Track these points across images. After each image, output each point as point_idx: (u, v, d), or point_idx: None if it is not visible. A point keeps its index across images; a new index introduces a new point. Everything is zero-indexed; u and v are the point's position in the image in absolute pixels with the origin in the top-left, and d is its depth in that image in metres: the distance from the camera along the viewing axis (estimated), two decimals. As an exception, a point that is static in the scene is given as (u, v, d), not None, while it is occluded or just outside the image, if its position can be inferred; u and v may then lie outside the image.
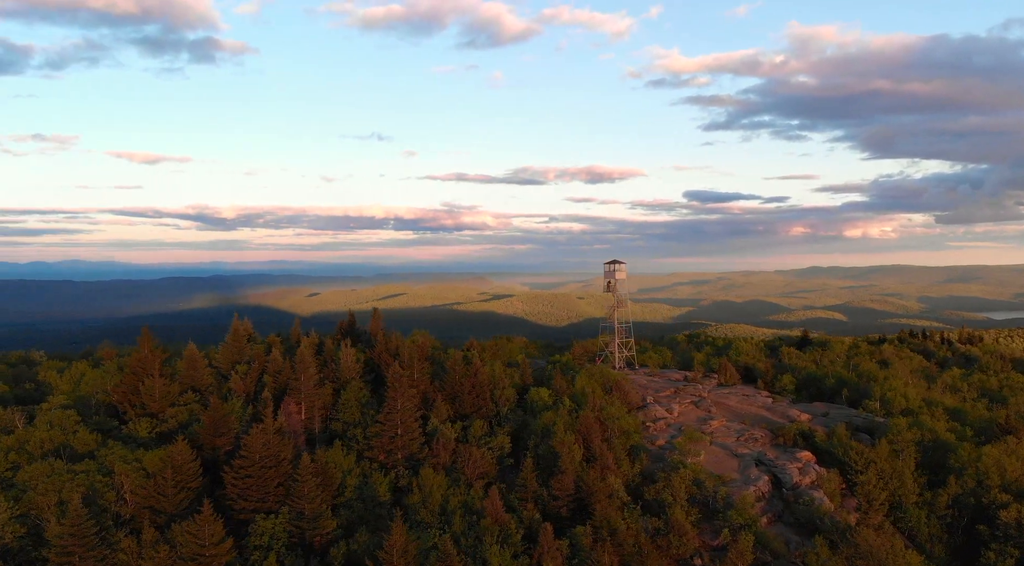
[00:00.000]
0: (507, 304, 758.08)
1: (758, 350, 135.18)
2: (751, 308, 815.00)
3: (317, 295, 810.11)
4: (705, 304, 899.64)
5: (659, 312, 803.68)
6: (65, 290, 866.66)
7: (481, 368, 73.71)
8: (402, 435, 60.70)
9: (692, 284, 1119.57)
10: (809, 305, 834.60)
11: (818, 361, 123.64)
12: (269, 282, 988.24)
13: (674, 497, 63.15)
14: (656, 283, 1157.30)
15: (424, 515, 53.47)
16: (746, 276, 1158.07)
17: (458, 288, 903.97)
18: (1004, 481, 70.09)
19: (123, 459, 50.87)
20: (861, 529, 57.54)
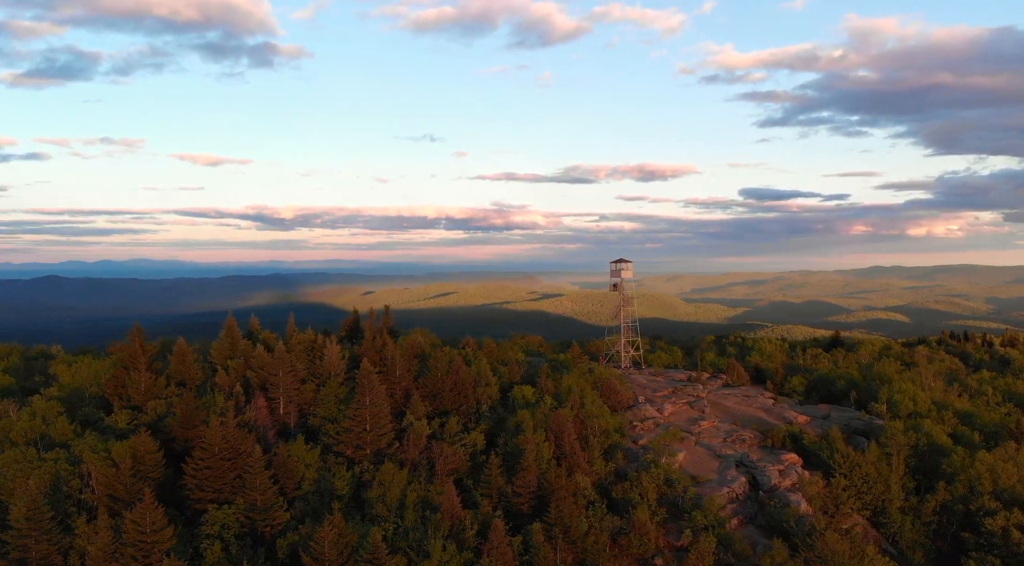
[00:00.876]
0: (556, 303, 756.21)
1: (780, 351, 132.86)
2: (809, 309, 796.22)
3: (371, 293, 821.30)
4: (761, 305, 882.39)
5: (713, 313, 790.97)
6: (131, 288, 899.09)
7: (463, 366, 74.48)
8: (371, 430, 61.93)
9: (748, 284, 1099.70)
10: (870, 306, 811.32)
11: (838, 363, 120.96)
12: (326, 281, 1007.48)
13: (642, 496, 63.03)
14: (711, 283, 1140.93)
15: (380, 509, 54.57)
16: (804, 276, 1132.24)
17: (508, 287, 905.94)
18: (997, 488, 67.94)
19: (92, 449, 53.25)
20: (825, 532, 56.47)
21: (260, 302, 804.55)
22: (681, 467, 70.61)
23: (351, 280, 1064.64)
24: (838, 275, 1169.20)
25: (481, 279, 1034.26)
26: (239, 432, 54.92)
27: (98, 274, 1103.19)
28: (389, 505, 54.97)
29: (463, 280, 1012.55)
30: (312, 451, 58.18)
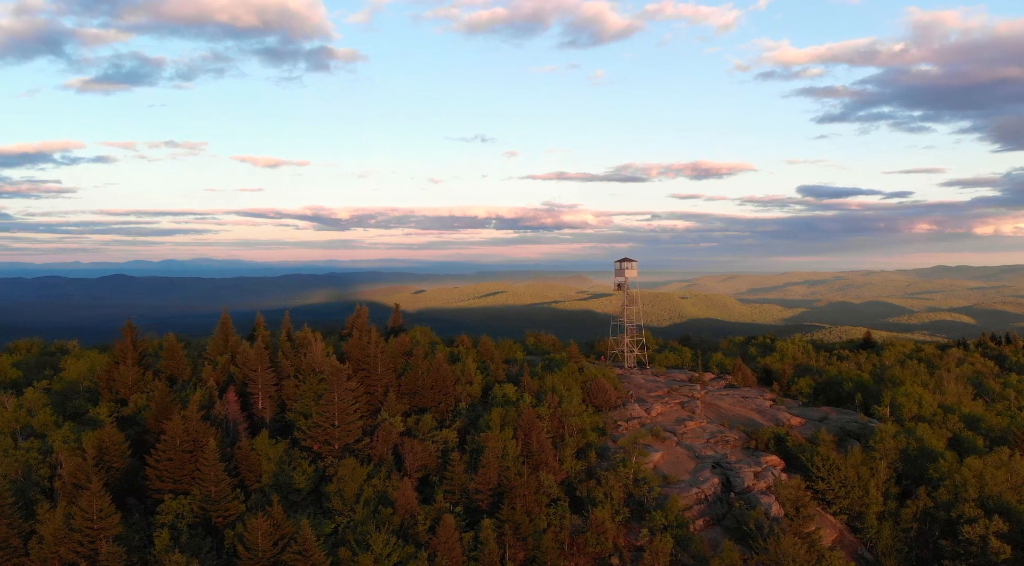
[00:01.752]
0: (605, 303, 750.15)
1: (801, 353, 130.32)
2: (870, 310, 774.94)
3: (423, 292, 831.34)
4: (820, 305, 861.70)
5: (769, 313, 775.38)
6: (194, 286, 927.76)
7: (444, 365, 75.47)
8: (339, 426, 63.38)
9: (806, 284, 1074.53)
10: (934, 307, 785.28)
11: (861, 365, 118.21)
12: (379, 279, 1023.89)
13: (606, 495, 63.10)
14: (767, 283, 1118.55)
15: (336, 503, 55.93)
16: (865, 276, 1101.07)
17: (557, 286, 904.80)
18: (983, 495, 65.81)
19: (64, 439, 55.96)
20: (781, 535, 55.69)
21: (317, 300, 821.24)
22: (656, 467, 70.33)
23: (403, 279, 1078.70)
24: (900, 275, 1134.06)
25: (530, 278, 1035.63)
26: (201, 425, 56.93)
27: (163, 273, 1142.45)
28: (347, 499, 56.29)
29: (512, 279, 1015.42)
30: (276, 445, 59.82)
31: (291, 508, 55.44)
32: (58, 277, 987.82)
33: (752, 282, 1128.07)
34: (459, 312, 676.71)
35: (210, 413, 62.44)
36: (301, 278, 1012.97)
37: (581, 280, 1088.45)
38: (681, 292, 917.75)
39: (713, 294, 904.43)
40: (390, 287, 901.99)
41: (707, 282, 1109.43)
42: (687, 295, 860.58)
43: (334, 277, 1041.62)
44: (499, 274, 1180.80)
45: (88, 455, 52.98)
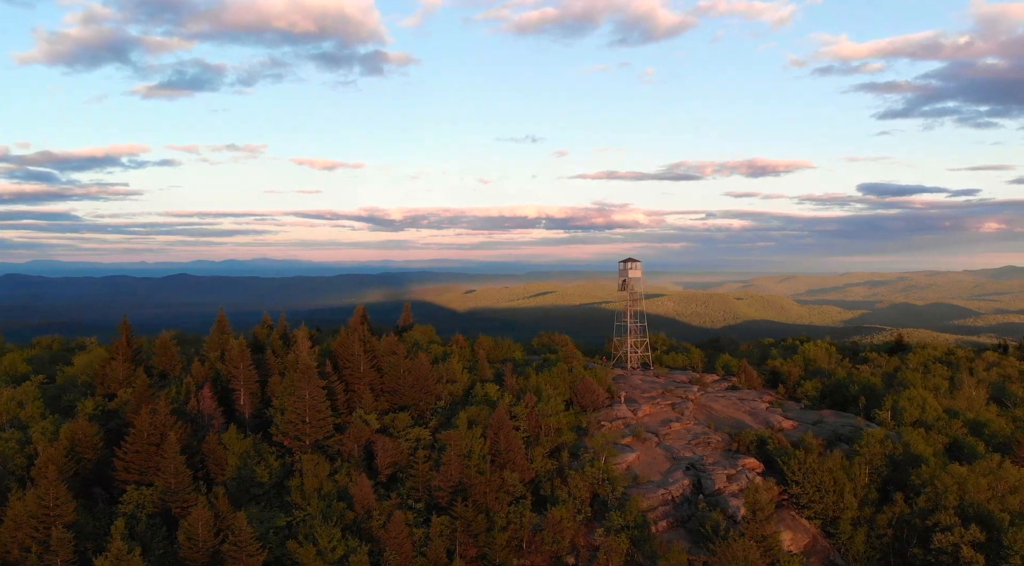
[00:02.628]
0: (657, 303, 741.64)
1: (828, 355, 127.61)
2: (934, 312, 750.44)
3: (473, 292, 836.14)
4: (881, 307, 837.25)
5: (828, 315, 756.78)
6: (254, 285, 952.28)
7: (425, 364, 76.61)
8: (309, 422, 65.03)
9: (867, 285, 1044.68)
10: (1002, 309, 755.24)
11: (882, 367, 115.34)
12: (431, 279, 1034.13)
13: (570, 494, 63.37)
14: (827, 283, 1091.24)
15: (295, 497, 57.54)
16: (930, 277, 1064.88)
17: (607, 286, 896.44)
18: (963, 502, 63.90)
19: (43, 431, 58.89)
20: (731, 537, 55.16)
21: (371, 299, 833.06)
22: (630, 467, 70.26)
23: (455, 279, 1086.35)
24: (967, 275, 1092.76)
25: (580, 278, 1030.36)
26: (168, 419, 59.17)
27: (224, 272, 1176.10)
28: (307, 494, 57.84)
29: (562, 279, 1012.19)
30: (243, 440, 61.72)
31: (252, 501, 57.27)
32: (125, 276, 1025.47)
33: (811, 283, 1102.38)
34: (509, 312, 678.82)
35: (184, 408, 64.72)
36: (356, 278, 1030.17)
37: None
38: (736, 293, 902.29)
39: (770, 295, 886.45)
40: (441, 287, 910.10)
41: (764, 283, 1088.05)
42: (742, 296, 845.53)
43: (387, 277, 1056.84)
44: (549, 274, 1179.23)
45: (60, 446, 55.63)
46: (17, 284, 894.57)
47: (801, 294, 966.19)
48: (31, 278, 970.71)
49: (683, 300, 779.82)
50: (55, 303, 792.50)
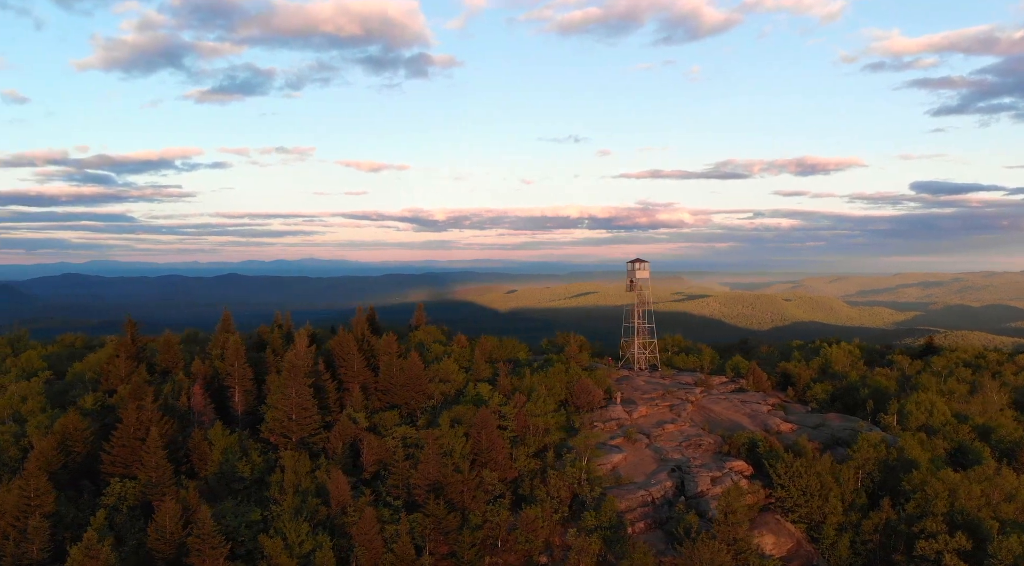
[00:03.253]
0: (703, 305, 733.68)
1: (849, 357, 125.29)
2: (991, 314, 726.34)
3: (515, 292, 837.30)
4: (935, 308, 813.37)
5: (880, 317, 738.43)
6: (302, 285, 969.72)
7: (417, 364, 77.60)
8: (295, 420, 66.55)
9: (921, 286, 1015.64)
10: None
11: (905, 371, 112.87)
12: (474, 279, 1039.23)
13: (548, 494, 63.70)
14: (878, 284, 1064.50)
15: (274, 492, 59.00)
16: (987, 278, 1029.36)
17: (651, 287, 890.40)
18: (952, 509, 62.43)
19: (38, 424, 61.45)
20: (698, 540, 54.87)
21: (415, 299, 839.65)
22: (615, 468, 70.28)
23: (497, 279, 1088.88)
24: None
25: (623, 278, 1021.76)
26: (155, 414, 61.18)
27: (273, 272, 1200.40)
28: (285, 489, 59.24)
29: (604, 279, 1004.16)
30: (229, 436, 63.40)
31: (231, 496, 58.85)
32: (179, 276, 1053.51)
33: (862, 283, 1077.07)
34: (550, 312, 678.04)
35: (174, 404, 66.79)
36: (400, 278, 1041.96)
37: (677, 281, 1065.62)
38: (785, 294, 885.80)
39: (819, 296, 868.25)
40: (483, 287, 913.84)
41: (813, 283, 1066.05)
42: (791, 297, 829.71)
43: (431, 277, 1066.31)
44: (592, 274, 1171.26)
45: (52, 439, 58.01)
46: (76, 283, 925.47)
47: (852, 295, 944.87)
48: (89, 277, 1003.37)
49: (729, 301, 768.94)
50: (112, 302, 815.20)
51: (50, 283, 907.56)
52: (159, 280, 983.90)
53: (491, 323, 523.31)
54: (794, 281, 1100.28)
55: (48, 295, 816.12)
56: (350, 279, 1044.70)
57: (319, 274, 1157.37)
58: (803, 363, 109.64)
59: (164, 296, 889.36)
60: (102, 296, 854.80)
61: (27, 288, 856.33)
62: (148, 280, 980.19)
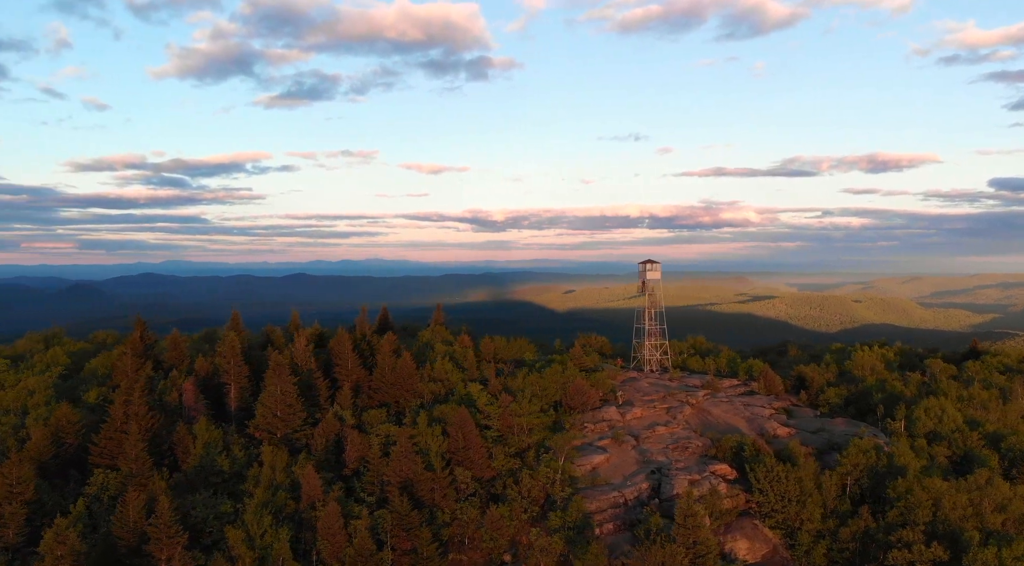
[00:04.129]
0: (768, 306, 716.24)
1: (880, 361, 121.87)
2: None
3: (572, 292, 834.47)
4: (1015, 310, 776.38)
5: (955, 319, 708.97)
6: (366, 285, 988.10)
7: (409, 364, 79.11)
8: (280, 416, 68.79)
9: (1000, 287, 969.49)
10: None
11: (936, 376, 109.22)
12: (532, 279, 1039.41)
13: (520, 494, 64.29)
14: (954, 285, 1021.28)
15: (249, 486, 61.23)
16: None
17: (713, 288, 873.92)
18: (936, 519, 60.52)
19: (37, 417, 65.17)
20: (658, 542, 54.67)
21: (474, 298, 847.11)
22: (595, 469, 70.39)
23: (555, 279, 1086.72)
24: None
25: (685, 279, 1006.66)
26: (142, 409, 64.14)
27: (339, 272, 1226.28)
28: (262, 483, 61.41)
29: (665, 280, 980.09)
30: (213, 431, 65.92)
31: (209, 489, 61.26)
32: (249, 276, 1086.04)
33: (937, 284, 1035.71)
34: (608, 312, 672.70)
35: (164, 400, 69.82)
36: (460, 278, 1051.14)
37: (741, 282, 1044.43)
38: (855, 295, 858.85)
39: (891, 297, 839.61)
40: (541, 287, 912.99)
41: (885, 284, 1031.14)
42: (861, 298, 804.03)
43: (489, 277, 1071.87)
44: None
45: (46, 431, 61.50)
46: (153, 282, 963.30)
47: (926, 297, 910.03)
48: (165, 277, 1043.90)
49: (796, 302, 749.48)
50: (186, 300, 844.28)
51: (129, 282, 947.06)
52: (230, 279, 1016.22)
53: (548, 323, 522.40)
54: (865, 282, 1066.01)
55: (126, 294, 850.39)
56: (412, 279, 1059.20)
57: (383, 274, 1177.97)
58: (821, 366, 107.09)
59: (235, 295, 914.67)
60: (177, 295, 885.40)
61: (107, 287, 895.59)
62: (220, 279, 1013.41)
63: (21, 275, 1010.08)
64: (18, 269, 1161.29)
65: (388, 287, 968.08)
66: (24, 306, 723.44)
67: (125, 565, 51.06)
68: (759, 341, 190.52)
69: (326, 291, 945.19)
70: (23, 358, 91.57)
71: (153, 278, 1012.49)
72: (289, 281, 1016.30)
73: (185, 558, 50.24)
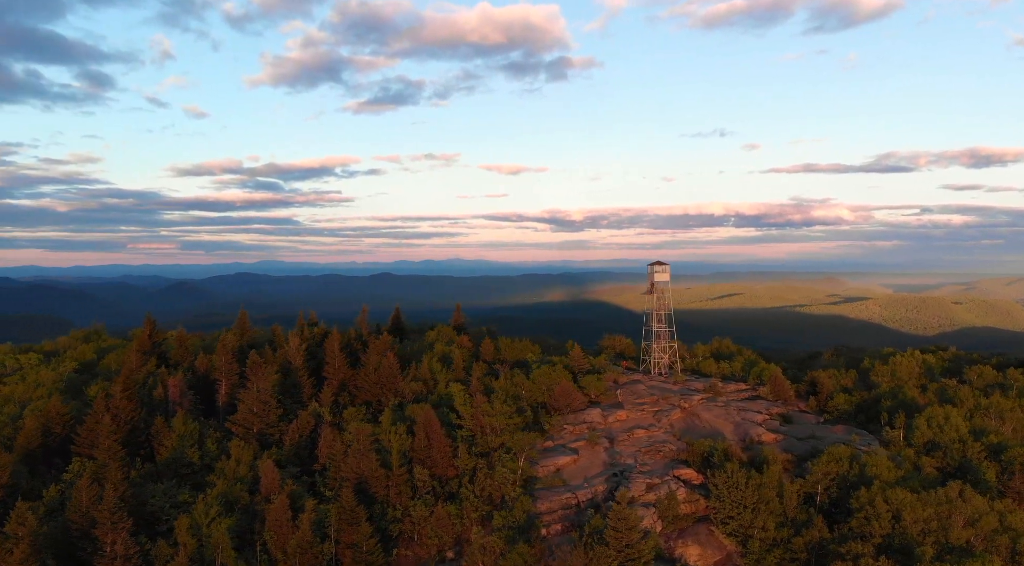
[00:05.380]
0: (861, 308, 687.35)
1: (919, 367, 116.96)
2: None
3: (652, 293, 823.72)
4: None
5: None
6: (446, 284, 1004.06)
7: (392, 363, 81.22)
8: (256, 413, 71.98)
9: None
10: None
11: (970, 382, 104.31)
12: (610, 279, 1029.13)
13: (475, 493, 65.31)
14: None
15: (214, 477, 64.50)
16: None
17: (803, 289, 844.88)
18: (895, 532, 58.24)
19: (33, 409, 70.41)
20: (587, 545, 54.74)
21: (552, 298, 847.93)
22: (559, 470, 70.80)
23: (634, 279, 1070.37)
24: None
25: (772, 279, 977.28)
26: (124, 403, 68.38)
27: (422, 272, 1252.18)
28: (227, 475, 64.62)
29: (752, 280, 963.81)
30: (190, 425, 69.52)
31: (178, 480, 64.83)
32: (338, 275, 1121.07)
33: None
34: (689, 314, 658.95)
35: (151, 394, 74.06)
36: (538, 277, 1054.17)
37: (833, 282, 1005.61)
38: (955, 296, 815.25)
39: (995, 299, 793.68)
40: (620, 287, 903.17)
41: (988, 285, 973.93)
42: (962, 300, 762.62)
43: (568, 276, 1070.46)
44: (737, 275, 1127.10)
45: (33, 421, 66.48)
46: (248, 282, 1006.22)
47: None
48: (259, 276, 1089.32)
49: (891, 304, 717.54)
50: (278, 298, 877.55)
51: (225, 281, 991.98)
52: (320, 279, 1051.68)
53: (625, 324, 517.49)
54: (966, 283, 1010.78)
55: (223, 292, 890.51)
56: (491, 279, 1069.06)
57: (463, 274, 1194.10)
58: (829, 372, 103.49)
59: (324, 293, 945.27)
60: (270, 293, 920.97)
61: (205, 286, 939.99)
62: (310, 279, 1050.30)
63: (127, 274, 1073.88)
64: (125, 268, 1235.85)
65: (467, 287, 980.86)
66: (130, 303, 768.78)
67: (78, 547, 54.78)
68: (852, 345, 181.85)
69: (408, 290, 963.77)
70: (56, 354, 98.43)
71: (247, 277, 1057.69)
72: (374, 280, 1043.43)
73: (129, 543, 53.56)
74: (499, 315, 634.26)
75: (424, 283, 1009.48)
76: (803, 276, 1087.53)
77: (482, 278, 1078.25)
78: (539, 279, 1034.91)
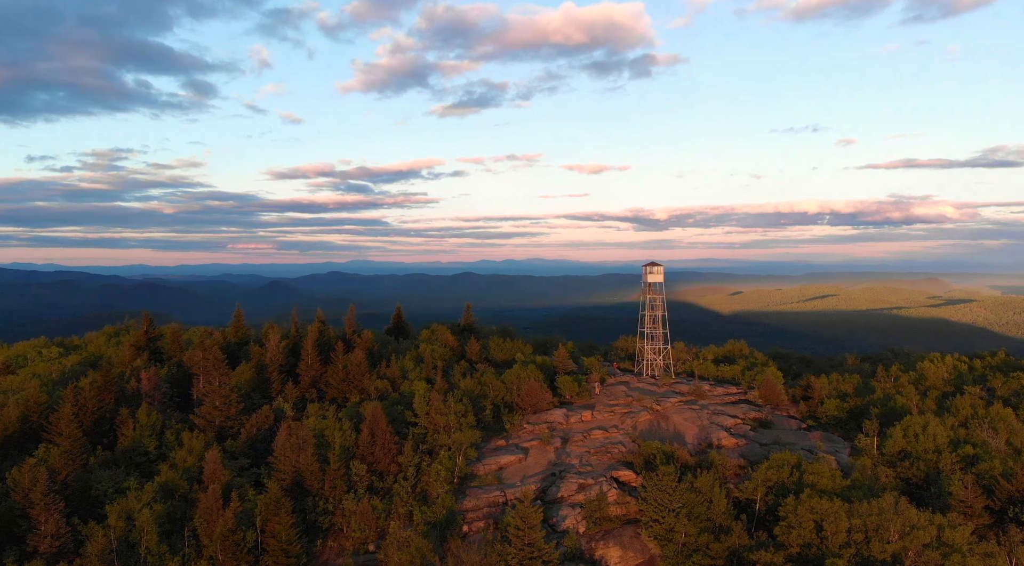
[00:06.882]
0: (965, 310, 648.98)
1: (949, 373, 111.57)
2: None
3: (739, 294, 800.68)
4: None
5: None
6: (527, 283, 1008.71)
7: (361, 361, 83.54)
8: (219, 406, 75.53)
9: None
10: None
11: (994, 390, 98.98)
12: (696, 279, 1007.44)
13: (406, 491, 66.71)
14: None
15: (163, 466, 68.22)
16: None
17: (902, 290, 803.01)
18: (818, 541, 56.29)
19: (18, 400, 76.05)
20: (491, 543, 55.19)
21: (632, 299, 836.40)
22: (501, 468, 71.41)
23: (721, 279, 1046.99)
24: None
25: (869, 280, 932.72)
26: (92, 393, 73.06)
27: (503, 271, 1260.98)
28: (178, 464, 68.27)
29: (847, 281, 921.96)
30: (153, 416, 73.57)
31: (134, 468, 68.88)
32: (423, 274, 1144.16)
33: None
34: (779, 316, 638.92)
35: (124, 387, 78.68)
36: (619, 277, 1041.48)
37: (935, 283, 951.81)
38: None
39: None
40: (706, 287, 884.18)
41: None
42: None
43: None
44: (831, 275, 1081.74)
45: (13, 410, 71.94)
46: (339, 280, 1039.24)
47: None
48: (350, 275, 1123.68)
49: (999, 307, 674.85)
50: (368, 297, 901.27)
51: (318, 280, 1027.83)
52: (407, 278, 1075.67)
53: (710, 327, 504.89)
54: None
55: (315, 290, 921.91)
56: (572, 278, 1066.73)
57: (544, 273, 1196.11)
58: (843, 377, 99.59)
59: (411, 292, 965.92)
60: (360, 291, 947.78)
61: (299, 284, 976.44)
62: (398, 278, 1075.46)
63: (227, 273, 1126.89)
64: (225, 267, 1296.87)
65: (549, 286, 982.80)
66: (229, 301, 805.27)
67: (20, 526, 59.18)
68: (954, 350, 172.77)
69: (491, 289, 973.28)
70: (78, 348, 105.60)
71: (339, 276, 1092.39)
72: (458, 279, 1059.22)
73: (60, 523, 57.63)
74: (579, 315, 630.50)
75: (504, 283, 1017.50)
76: (903, 277, 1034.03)
77: (563, 278, 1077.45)
78: (620, 278, 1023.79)
